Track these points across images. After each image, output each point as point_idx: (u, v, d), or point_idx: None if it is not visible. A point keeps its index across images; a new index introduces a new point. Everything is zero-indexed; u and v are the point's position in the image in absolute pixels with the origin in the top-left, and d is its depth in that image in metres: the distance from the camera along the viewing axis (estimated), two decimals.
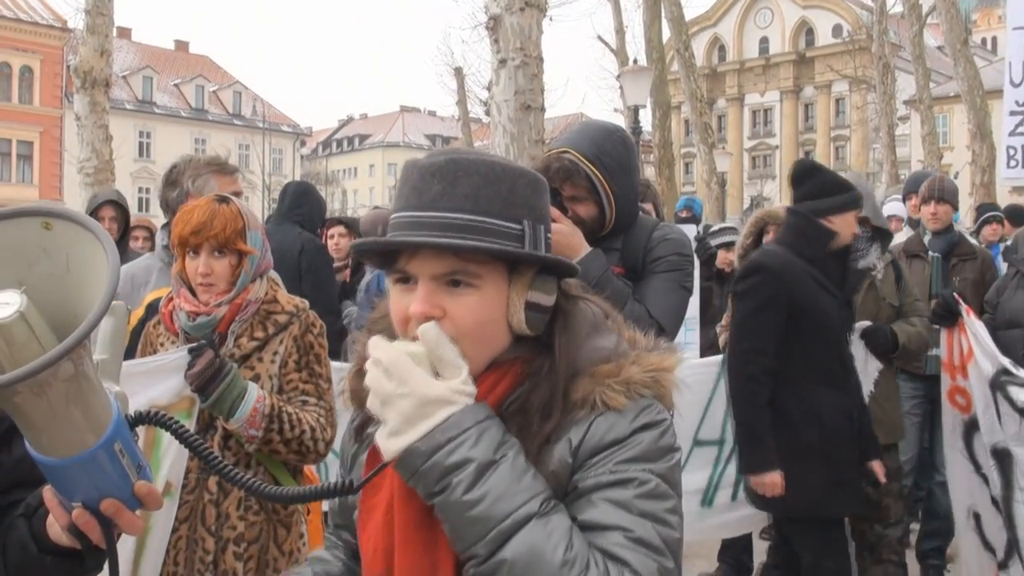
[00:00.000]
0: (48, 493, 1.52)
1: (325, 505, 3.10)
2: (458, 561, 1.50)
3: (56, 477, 1.45)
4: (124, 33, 61.71)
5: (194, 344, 3.06)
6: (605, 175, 3.36)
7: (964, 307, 4.69)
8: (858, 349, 4.92)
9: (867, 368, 4.96)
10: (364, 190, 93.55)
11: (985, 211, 10.04)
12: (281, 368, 3.19)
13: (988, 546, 4.67)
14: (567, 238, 3.20)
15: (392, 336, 1.61)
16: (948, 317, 4.76)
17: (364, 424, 1.77)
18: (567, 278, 1.68)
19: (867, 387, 4.87)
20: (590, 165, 3.36)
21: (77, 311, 1.37)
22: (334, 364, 3.40)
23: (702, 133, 25.97)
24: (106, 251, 1.37)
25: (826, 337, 4.32)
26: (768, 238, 6.21)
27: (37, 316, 1.37)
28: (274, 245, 6.12)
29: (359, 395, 1.69)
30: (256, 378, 3.12)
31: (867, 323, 4.99)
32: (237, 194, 3.97)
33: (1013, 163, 7.78)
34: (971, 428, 4.69)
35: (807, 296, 4.27)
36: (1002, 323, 4.94)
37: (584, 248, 3.26)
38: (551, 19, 22.76)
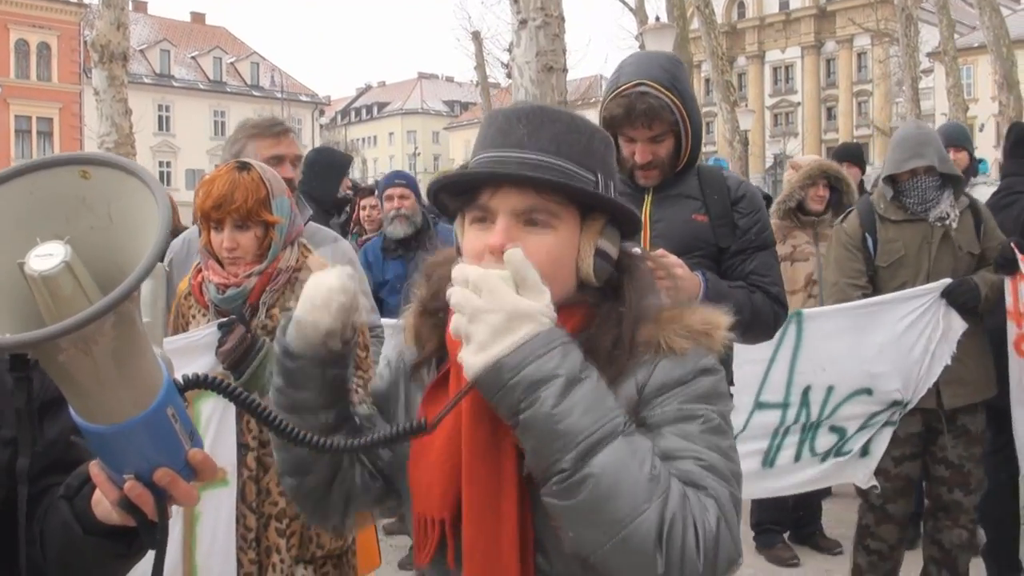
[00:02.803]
0: (95, 468, 1.42)
1: None
2: (520, 489, 1.57)
3: (104, 447, 1.36)
4: (140, 7, 61.69)
5: (223, 320, 2.97)
6: (683, 104, 3.21)
7: (1021, 256, 4.53)
8: (938, 309, 4.68)
9: (950, 329, 4.67)
10: (384, 158, 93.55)
11: None
12: None
13: None
14: (687, 282, 2.97)
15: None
16: (1008, 266, 4.60)
17: (419, 365, 1.82)
18: (627, 240, 1.76)
19: (950, 350, 4.67)
20: (670, 95, 3.18)
21: (123, 265, 1.27)
22: (386, 321, 3.31)
23: (724, 91, 25.67)
24: (155, 196, 1.28)
25: None
26: (819, 192, 6.07)
27: (83, 268, 1.27)
28: None
29: (420, 333, 1.82)
30: None
31: (948, 280, 4.68)
32: (281, 158, 3.80)
33: None
34: None
35: None
36: None
37: (699, 283, 3.10)
38: None
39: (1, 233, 1.30)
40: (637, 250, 1.81)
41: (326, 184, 6.79)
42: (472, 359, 1.48)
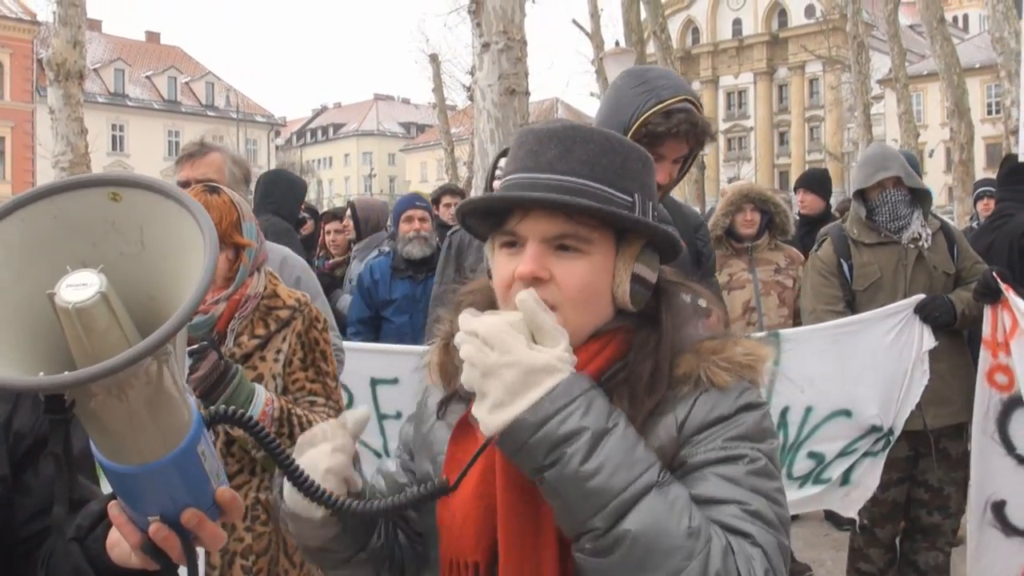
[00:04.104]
0: (114, 509, 1.33)
1: None
2: (560, 540, 1.46)
3: (129, 488, 1.28)
4: (94, 25, 61.00)
5: (195, 346, 2.87)
6: None
7: (1004, 285, 4.53)
8: (913, 326, 4.70)
9: (923, 348, 4.68)
10: (340, 179, 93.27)
11: (981, 186, 10.07)
12: (285, 367, 3.00)
13: (1016, 531, 4.55)
14: None
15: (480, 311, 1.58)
16: (990, 295, 4.59)
17: (447, 401, 1.74)
18: (666, 264, 1.67)
19: (922, 366, 4.68)
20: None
21: (156, 294, 1.20)
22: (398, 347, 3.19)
23: None
24: (198, 221, 1.20)
25: None
26: (747, 217, 6.08)
27: (117, 299, 1.17)
28: None
29: (446, 369, 1.72)
30: (259, 378, 2.93)
31: (921, 296, 4.71)
32: (186, 183, 3.68)
33: None
34: (1010, 408, 4.55)
35: None
36: None
37: None
38: (534, 1, 22.65)
39: (24, 259, 1.21)
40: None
41: (291, 204, 6.79)
42: (488, 418, 1.40)
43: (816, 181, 8.12)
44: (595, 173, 1.55)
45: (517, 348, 1.40)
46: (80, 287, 1.15)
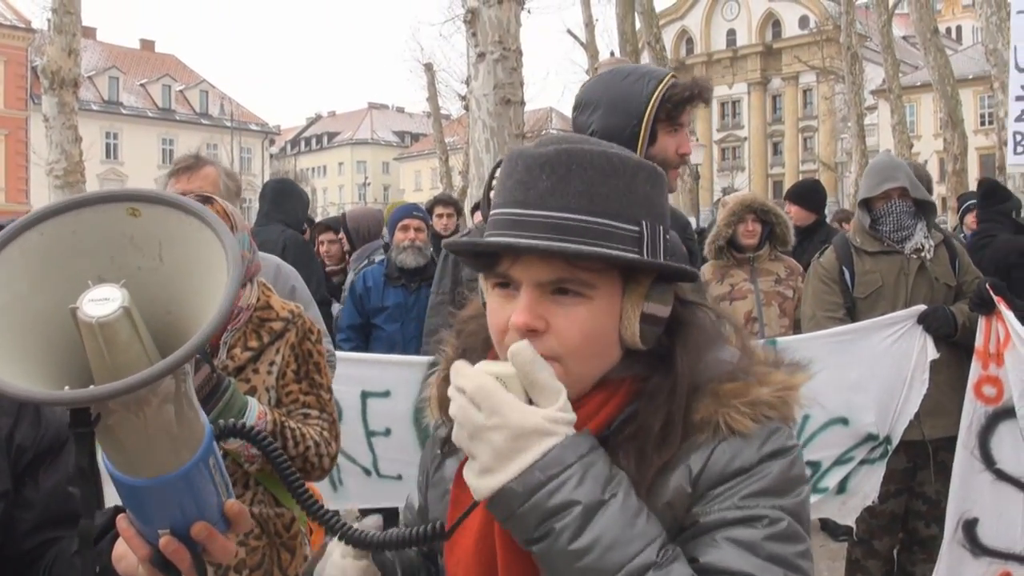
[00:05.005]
0: (123, 522, 1.33)
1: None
2: None
3: (140, 500, 1.28)
4: (89, 33, 60.92)
5: None
6: None
7: (996, 297, 4.51)
8: (914, 336, 4.68)
9: (924, 358, 4.67)
10: (334, 188, 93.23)
11: (967, 199, 10.04)
12: (279, 379, 2.96)
13: (986, 551, 4.52)
14: None
15: (483, 345, 1.49)
16: (984, 305, 4.57)
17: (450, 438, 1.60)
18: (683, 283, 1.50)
19: (922, 375, 4.66)
20: None
21: (171, 308, 1.20)
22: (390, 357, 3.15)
23: None
24: (219, 237, 1.19)
25: None
26: (748, 228, 6.08)
27: (138, 314, 1.17)
28: (257, 246, 6.03)
29: (446, 403, 1.50)
30: (252, 391, 2.88)
31: (923, 306, 4.70)
32: (186, 194, 3.72)
33: (1021, 149, 7.64)
34: (993, 421, 4.52)
35: None
36: None
37: None
38: (529, 11, 22.67)
39: (41, 272, 1.22)
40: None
41: (300, 215, 6.84)
42: (476, 483, 1.29)
43: (802, 193, 8.13)
44: (594, 205, 1.36)
45: (505, 409, 1.27)
46: (103, 302, 1.15)
